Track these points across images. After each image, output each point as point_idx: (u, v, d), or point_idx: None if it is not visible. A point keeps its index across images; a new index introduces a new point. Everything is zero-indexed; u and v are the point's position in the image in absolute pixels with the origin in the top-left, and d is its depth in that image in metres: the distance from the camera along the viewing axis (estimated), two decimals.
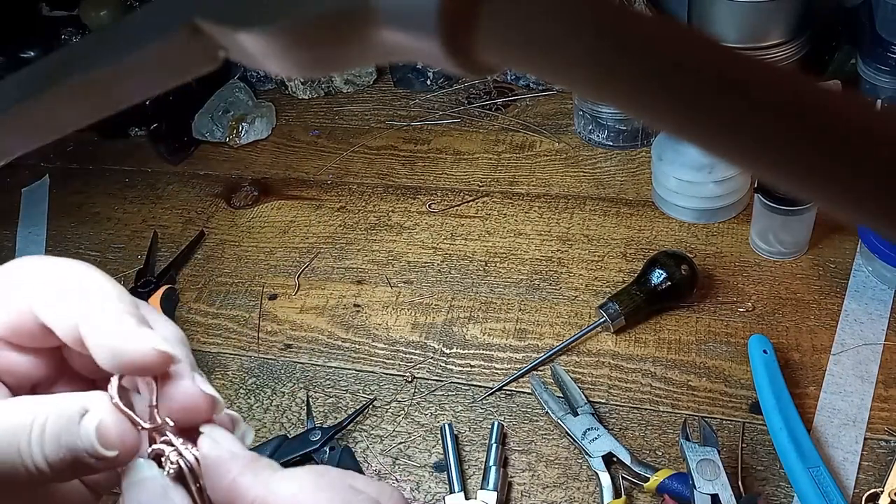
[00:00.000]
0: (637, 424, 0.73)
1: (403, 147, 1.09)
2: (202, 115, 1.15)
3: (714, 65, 0.19)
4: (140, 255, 0.97)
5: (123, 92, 0.25)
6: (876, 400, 0.72)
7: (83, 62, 0.24)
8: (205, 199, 1.06)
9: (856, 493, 0.66)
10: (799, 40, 0.97)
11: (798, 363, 0.75)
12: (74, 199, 1.10)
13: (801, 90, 0.19)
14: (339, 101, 1.19)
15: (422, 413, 0.77)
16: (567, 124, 1.07)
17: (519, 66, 0.21)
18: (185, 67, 0.24)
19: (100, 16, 1.10)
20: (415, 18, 0.20)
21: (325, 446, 0.73)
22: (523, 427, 0.74)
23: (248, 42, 0.22)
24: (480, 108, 1.13)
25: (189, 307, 0.91)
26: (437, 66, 0.21)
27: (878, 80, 0.93)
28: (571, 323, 0.82)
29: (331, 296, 0.90)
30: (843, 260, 0.84)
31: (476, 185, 1.01)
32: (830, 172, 0.19)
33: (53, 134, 0.27)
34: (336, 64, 0.22)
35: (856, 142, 0.19)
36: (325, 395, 0.80)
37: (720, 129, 0.20)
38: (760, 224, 0.84)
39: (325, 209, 1.01)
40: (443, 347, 0.82)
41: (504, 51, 0.20)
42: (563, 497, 0.69)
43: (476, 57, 0.21)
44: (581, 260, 0.89)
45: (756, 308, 0.81)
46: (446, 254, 0.92)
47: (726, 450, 0.69)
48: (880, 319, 0.78)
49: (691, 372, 0.76)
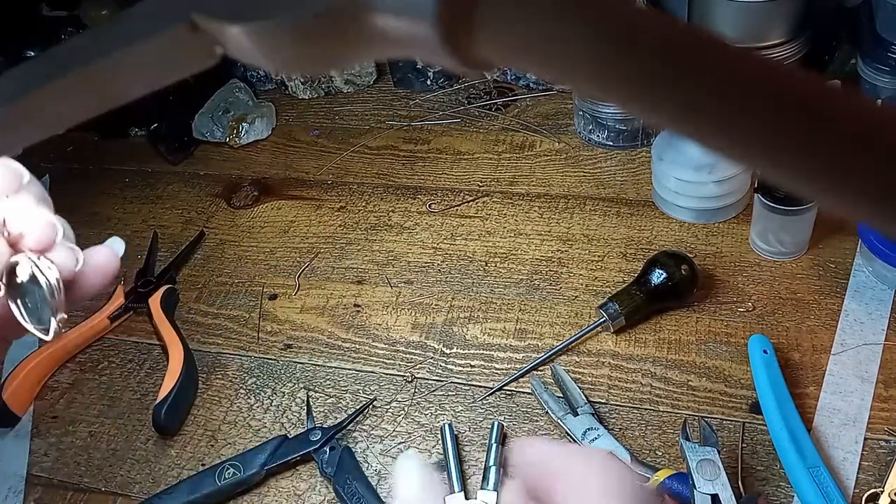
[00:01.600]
0: (637, 424, 0.73)
1: (403, 147, 1.09)
2: (202, 115, 1.15)
3: (713, 61, 0.19)
4: (140, 255, 0.97)
5: (122, 87, 0.25)
6: (876, 400, 0.71)
7: (82, 57, 0.24)
8: (205, 199, 1.06)
9: (856, 493, 0.66)
10: (799, 40, 0.97)
11: (798, 363, 0.75)
12: (74, 199, 1.10)
13: (802, 87, 0.19)
14: (339, 101, 1.19)
15: (422, 413, 0.77)
16: (567, 124, 1.07)
17: (517, 62, 0.21)
18: (184, 63, 0.24)
19: (100, 16, 1.10)
20: (413, 13, 0.20)
21: (325, 446, 0.73)
22: (523, 427, 0.74)
23: (245, 38, 0.22)
24: (480, 108, 1.13)
25: (189, 307, 0.91)
26: (435, 62, 0.21)
27: (878, 80, 0.93)
28: (571, 323, 0.82)
29: (331, 296, 0.90)
30: (843, 260, 0.84)
31: (476, 185, 1.01)
32: (830, 170, 0.19)
33: (52, 129, 0.27)
34: (334, 60, 0.22)
35: (856, 139, 0.19)
36: (325, 395, 0.80)
37: (720, 126, 0.20)
38: (760, 224, 0.84)
39: (325, 209, 1.01)
40: (443, 347, 0.82)
41: (502, 46, 0.20)
42: None
43: (474, 52, 0.21)
44: (581, 260, 0.89)
45: (756, 308, 0.81)
46: (446, 254, 0.92)
47: (726, 450, 0.69)
48: (880, 319, 0.78)
49: (691, 372, 0.76)
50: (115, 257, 0.37)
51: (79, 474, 0.77)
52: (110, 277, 0.36)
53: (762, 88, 0.19)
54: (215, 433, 0.78)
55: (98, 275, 0.36)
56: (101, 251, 0.37)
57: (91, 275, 0.36)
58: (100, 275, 0.36)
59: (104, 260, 0.36)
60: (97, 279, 0.36)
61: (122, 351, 0.88)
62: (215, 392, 0.82)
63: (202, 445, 0.77)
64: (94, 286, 0.36)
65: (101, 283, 0.36)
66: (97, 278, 0.36)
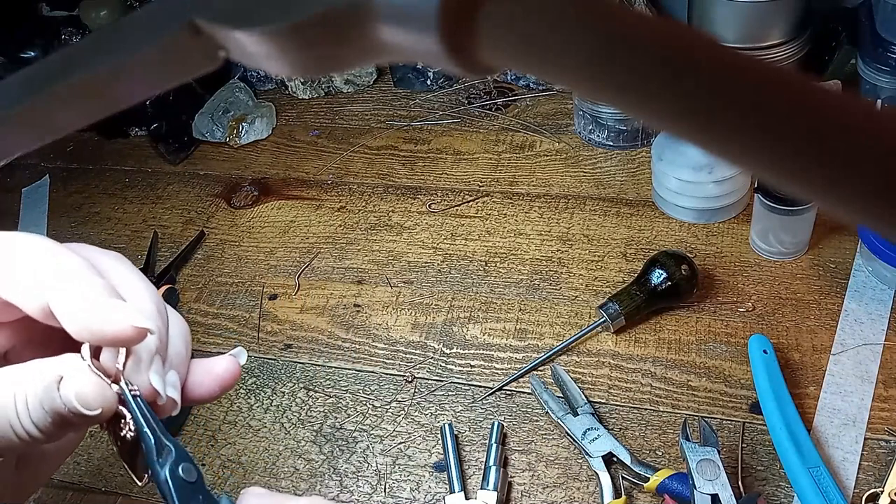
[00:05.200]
0: (637, 424, 0.73)
1: (403, 147, 1.09)
2: (202, 115, 1.15)
3: (713, 65, 0.19)
4: (140, 255, 0.97)
5: (123, 92, 0.25)
6: (876, 400, 0.72)
7: (83, 62, 0.24)
8: (205, 199, 1.06)
9: (856, 493, 0.66)
10: (799, 40, 0.97)
11: (798, 363, 0.75)
12: (74, 199, 1.10)
13: (801, 90, 0.19)
14: (340, 101, 1.19)
15: (422, 413, 0.77)
16: (567, 124, 1.07)
17: (519, 66, 0.21)
18: (186, 68, 0.24)
19: (100, 16, 1.10)
20: (415, 17, 0.20)
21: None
22: (523, 427, 0.74)
23: (248, 42, 0.22)
24: (480, 108, 1.13)
25: (189, 307, 0.91)
26: (438, 65, 0.21)
27: (878, 80, 0.93)
28: (571, 323, 0.82)
29: (331, 296, 0.90)
30: (843, 260, 0.84)
31: (476, 185, 1.01)
32: (830, 173, 0.19)
33: (53, 134, 0.27)
34: (336, 64, 0.22)
35: (855, 141, 0.19)
36: (325, 395, 0.80)
37: (720, 129, 0.20)
38: (760, 224, 0.84)
39: (325, 209, 1.01)
40: (443, 347, 0.82)
41: (504, 50, 0.20)
42: (563, 497, 0.69)
43: (476, 56, 0.21)
44: (581, 260, 0.89)
45: (756, 308, 0.81)
46: (446, 254, 0.92)
47: (726, 450, 0.69)
48: (880, 319, 0.78)
49: (691, 372, 0.76)
50: (237, 367, 0.33)
51: (79, 474, 0.77)
52: (227, 388, 0.33)
53: (759, 92, 0.19)
54: (215, 433, 0.78)
55: (216, 385, 0.33)
56: (223, 361, 0.33)
57: (208, 384, 0.33)
58: (217, 386, 0.33)
59: (223, 370, 0.33)
60: (214, 390, 0.33)
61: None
62: None
63: (202, 445, 0.77)
64: (207, 396, 0.33)
65: (215, 393, 0.33)
66: (214, 389, 0.33)
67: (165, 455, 0.29)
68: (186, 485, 0.29)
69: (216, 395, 0.33)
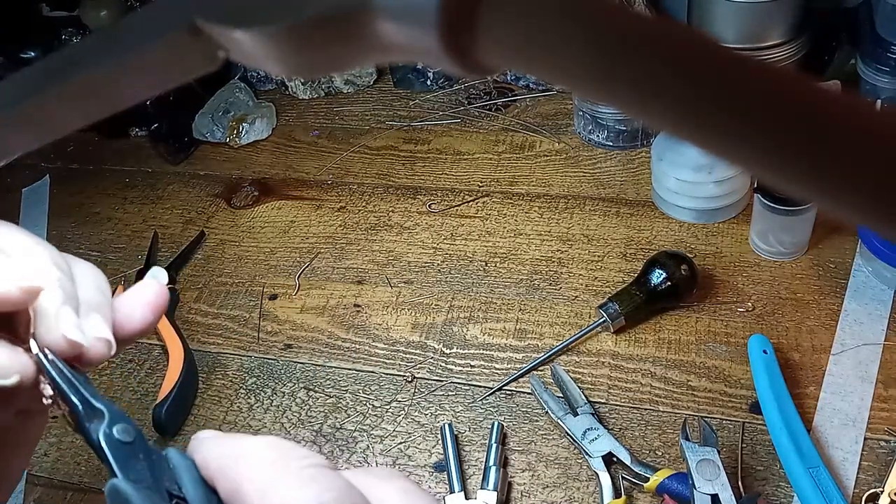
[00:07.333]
0: (637, 424, 0.73)
1: (403, 147, 1.09)
2: (202, 115, 1.15)
3: (713, 65, 0.19)
4: (140, 255, 0.97)
5: (124, 92, 0.25)
6: (876, 400, 0.72)
7: (83, 62, 0.24)
8: (205, 199, 1.06)
9: (856, 493, 0.66)
10: (799, 40, 0.97)
11: (798, 363, 0.75)
12: (74, 199, 1.10)
13: (800, 91, 0.19)
14: (340, 102, 1.19)
15: (422, 413, 0.77)
16: (567, 124, 1.07)
17: (518, 66, 0.21)
18: (186, 68, 0.24)
19: (100, 16, 1.10)
20: (415, 17, 0.20)
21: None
22: (523, 427, 0.74)
23: (248, 43, 0.22)
24: (480, 108, 1.13)
25: (189, 307, 0.91)
26: (437, 65, 0.21)
27: (878, 80, 0.93)
28: (571, 323, 0.82)
29: (331, 296, 0.90)
30: (843, 260, 0.84)
31: (476, 185, 1.01)
32: (829, 173, 0.19)
33: (54, 134, 0.27)
34: (336, 64, 0.22)
35: (855, 142, 0.19)
36: (325, 395, 0.80)
37: (719, 130, 0.20)
38: (760, 224, 0.84)
39: (325, 209, 1.01)
40: (443, 347, 0.82)
41: (504, 50, 0.20)
42: (563, 497, 0.69)
43: (476, 56, 0.21)
44: (581, 260, 0.89)
45: (756, 308, 0.81)
46: (446, 254, 0.92)
47: (726, 450, 0.69)
48: (880, 319, 0.78)
49: (691, 372, 0.76)
50: (161, 287, 0.33)
51: (79, 474, 0.77)
52: (160, 310, 0.33)
53: (759, 92, 0.19)
54: None
55: (148, 311, 0.32)
56: (145, 286, 0.33)
57: (140, 313, 0.32)
58: (150, 311, 0.32)
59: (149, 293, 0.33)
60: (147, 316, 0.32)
61: (122, 351, 0.88)
62: (215, 392, 0.82)
63: None
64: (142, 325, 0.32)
65: (150, 319, 0.32)
66: (147, 315, 0.32)
67: (98, 418, 0.27)
68: (124, 445, 0.27)
69: (151, 321, 0.32)
